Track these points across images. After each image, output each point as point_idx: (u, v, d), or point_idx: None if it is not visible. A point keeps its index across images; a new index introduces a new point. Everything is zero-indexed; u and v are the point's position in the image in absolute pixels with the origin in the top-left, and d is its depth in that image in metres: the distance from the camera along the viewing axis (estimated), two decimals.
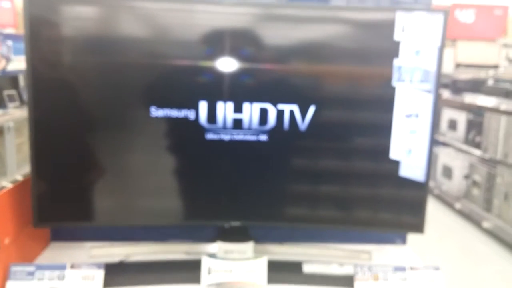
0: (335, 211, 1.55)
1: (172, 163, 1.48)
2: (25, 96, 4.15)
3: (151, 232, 1.70)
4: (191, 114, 1.43)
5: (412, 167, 1.48)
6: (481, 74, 3.98)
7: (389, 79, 1.43)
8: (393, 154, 1.47)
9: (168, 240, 1.64)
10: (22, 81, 4.06)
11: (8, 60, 3.34)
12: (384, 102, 1.45)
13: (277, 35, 1.43)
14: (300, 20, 1.43)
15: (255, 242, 1.53)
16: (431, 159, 1.49)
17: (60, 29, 1.38)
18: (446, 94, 4.17)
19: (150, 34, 1.42)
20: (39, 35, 1.37)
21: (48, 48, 1.38)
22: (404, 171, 1.48)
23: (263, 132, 1.46)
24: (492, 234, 3.10)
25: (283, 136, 1.47)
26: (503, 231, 3.03)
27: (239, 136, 1.45)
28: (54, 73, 1.40)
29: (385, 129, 1.46)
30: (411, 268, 1.47)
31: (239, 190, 1.52)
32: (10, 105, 3.41)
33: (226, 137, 1.45)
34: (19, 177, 1.56)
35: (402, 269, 1.47)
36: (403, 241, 1.81)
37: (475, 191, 3.64)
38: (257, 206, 1.54)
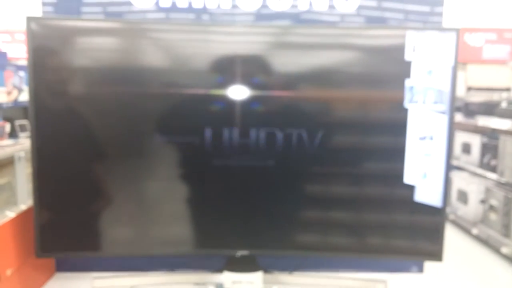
0: (348, 239, 1.48)
1: (179, 191, 1.44)
2: None
3: (158, 262, 1.64)
4: (198, 141, 1.40)
5: (427, 191, 1.42)
6: (494, 96, 3.92)
7: (401, 100, 1.39)
8: (408, 179, 1.42)
9: (174, 270, 1.58)
10: None
11: (20, 90, 3.36)
12: (396, 125, 1.40)
13: (285, 61, 1.40)
14: (309, 44, 1.41)
15: (264, 271, 1.47)
16: (447, 183, 1.42)
17: (63, 59, 1.36)
18: (458, 117, 4.11)
19: (156, 63, 1.40)
20: (43, 65, 1.35)
21: (51, 78, 1.37)
22: (420, 196, 1.42)
23: (273, 157, 1.41)
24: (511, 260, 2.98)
25: (292, 161, 1.43)
26: None
27: (246, 161, 1.41)
28: (57, 103, 1.38)
29: (398, 153, 1.41)
30: None
31: (247, 218, 1.46)
32: (22, 135, 3.43)
33: (233, 163, 1.40)
34: (24, 207, 1.53)
35: None
36: (420, 269, 1.73)
37: (492, 216, 3.53)
38: (266, 234, 1.48)
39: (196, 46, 1.39)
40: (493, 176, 3.57)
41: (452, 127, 1.40)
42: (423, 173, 1.41)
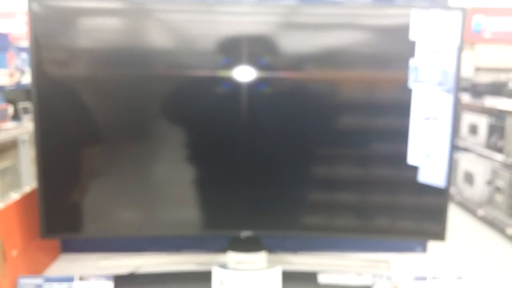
0: (352, 219, 1.48)
1: (184, 173, 1.44)
2: None
3: (162, 243, 1.66)
4: (203, 123, 1.40)
5: (431, 172, 1.41)
6: (501, 77, 3.88)
7: (405, 80, 1.37)
8: (412, 159, 1.41)
9: (178, 250, 1.59)
10: None
11: (22, 73, 3.36)
12: (400, 105, 1.39)
13: (289, 40, 1.38)
14: (312, 24, 1.39)
15: (269, 252, 1.47)
16: (451, 163, 1.42)
17: (65, 41, 1.35)
18: (465, 98, 4.07)
19: (160, 44, 1.38)
20: (45, 47, 1.35)
21: (53, 60, 1.36)
22: (424, 177, 1.42)
23: (278, 137, 1.41)
24: None
25: (297, 142, 1.42)
26: None
27: (251, 143, 1.40)
28: (60, 84, 1.38)
29: (402, 133, 1.40)
30: (433, 278, 1.39)
31: (251, 199, 1.46)
32: (25, 117, 3.43)
33: (238, 144, 1.40)
34: (28, 189, 1.54)
35: (423, 278, 1.40)
36: (424, 249, 1.73)
37: (498, 197, 3.52)
38: (270, 215, 1.48)
39: (200, 26, 1.37)
40: (499, 157, 3.55)
41: (457, 107, 1.39)
42: (427, 153, 1.40)
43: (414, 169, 1.41)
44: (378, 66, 1.40)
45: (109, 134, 1.42)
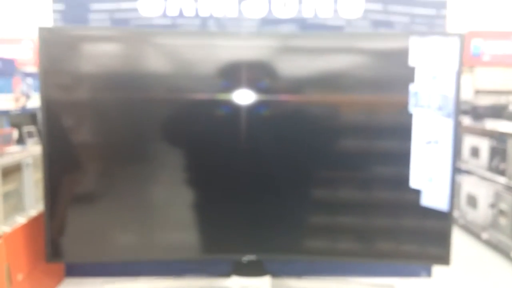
0: (355, 243, 1.48)
1: (187, 197, 1.45)
2: None
3: (166, 268, 1.66)
4: (204, 146, 1.42)
5: (434, 195, 1.42)
6: (501, 100, 3.91)
7: (406, 105, 1.39)
8: (414, 183, 1.42)
9: (182, 275, 1.59)
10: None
11: (28, 97, 3.41)
12: (402, 129, 1.41)
13: (292, 66, 1.41)
14: (315, 50, 1.42)
15: (272, 276, 1.47)
16: (454, 187, 1.43)
17: (72, 67, 1.39)
18: (466, 121, 4.09)
19: (163, 71, 1.42)
20: (53, 73, 1.38)
21: (61, 86, 1.40)
22: (426, 200, 1.43)
23: (278, 161, 1.42)
24: None
25: (298, 166, 1.44)
26: None
27: (253, 166, 1.42)
28: (67, 110, 1.41)
29: (404, 157, 1.41)
30: None
31: (254, 223, 1.47)
32: (29, 141, 3.47)
33: (240, 167, 1.42)
34: (34, 213, 1.55)
35: None
36: (428, 273, 1.72)
37: (502, 220, 3.50)
38: (273, 238, 1.48)
39: (201, 52, 1.41)
40: (502, 179, 3.55)
41: (457, 131, 1.40)
42: (429, 177, 1.41)
43: (417, 192, 1.42)
44: (378, 91, 1.43)
45: (114, 159, 1.44)
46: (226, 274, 1.48)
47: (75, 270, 1.72)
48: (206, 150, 1.44)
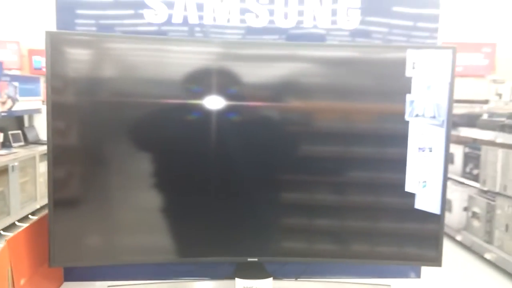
0: (354, 246, 1.55)
1: (186, 200, 1.49)
2: (29, 136, 4.22)
3: (168, 271, 1.68)
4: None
5: (427, 199, 1.50)
6: (475, 109, 4.08)
7: (402, 114, 1.47)
8: (409, 187, 1.50)
9: (182, 277, 1.62)
10: (27, 121, 4.09)
11: (14, 101, 3.36)
12: (399, 137, 1.49)
13: (295, 82, 1.48)
14: (321, 62, 1.49)
15: (273, 278, 1.52)
16: (445, 191, 1.51)
17: (79, 69, 1.41)
18: None
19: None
20: (58, 76, 1.40)
21: (66, 88, 1.41)
22: (420, 204, 1.50)
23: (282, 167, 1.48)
24: (495, 265, 3.10)
25: (300, 172, 1.50)
26: (505, 262, 3.03)
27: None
28: (69, 113, 1.42)
29: (400, 163, 1.49)
30: None
31: (256, 226, 1.52)
32: (15, 145, 3.41)
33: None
34: (23, 215, 1.55)
35: None
36: (418, 274, 1.81)
37: (476, 223, 3.66)
38: (275, 241, 1.53)
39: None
40: (476, 185, 3.71)
41: (449, 139, 1.49)
42: (423, 182, 1.49)
43: (411, 196, 1.50)
44: (379, 101, 1.50)
45: (113, 164, 1.46)
46: (227, 276, 1.52)
47: (74, 274, 1.72)
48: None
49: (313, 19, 1.72)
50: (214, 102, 1.43)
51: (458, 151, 4.04)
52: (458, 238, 3.74)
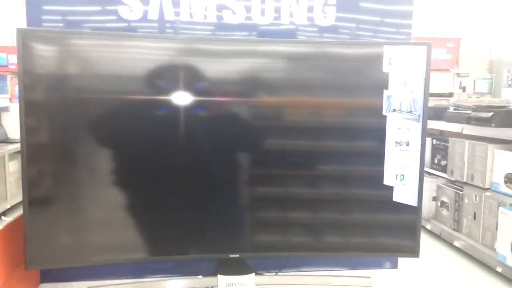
0: (334, 239, 1.57)
1: (160, 197, 1.48)
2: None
3: (147, 269, 1.66)
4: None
5: (404, 192, 1.54)
6: (442, 102, 4.18)
7: (380, 109, 1.50)
8: (387, 180, 1.53)
9: (167, 275, 1.60)
10: None
11: None
12: (377, 131, 1.51)
13: (276, 72, 1.48)
14: (293, 57, 1.49)
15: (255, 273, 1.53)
16: (422, 184, 1.55)
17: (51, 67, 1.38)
18: None
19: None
20: (31, 71, 1.36)
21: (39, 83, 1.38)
22: (397, 197, 1.54)
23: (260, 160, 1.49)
24: (464, 253, 3.20)
25: (276, 167, 1.52)
26: (473, 249, 3.13)
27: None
28: (43, 108, 1.39)
29: (378, 157, 1.52)
30: None
31: (234, 222, 1.52)
32: None
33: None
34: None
35: None
36: (395, 265, 1.85)
37: (444, 212, 3.76)
38: (255, 237, 1.54)
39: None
40: (444, 175, 3.81)
41: (425, 133, 1.53)
42: (400, 175, 1.53)
43: (390, 189, 1.53)
44: (357, 96, 1.52)
45: (85, 162, 1.44)
46: (209, 273, 1.51)
47: (50, 275, 1.68)
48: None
49: (289, 16, 1.73)
50: (179, 98, 1.43)
51: (426, 143, 4.13)
52: (428, 226, 3.84)
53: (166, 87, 1.43)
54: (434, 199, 3.89)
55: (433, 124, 3.97)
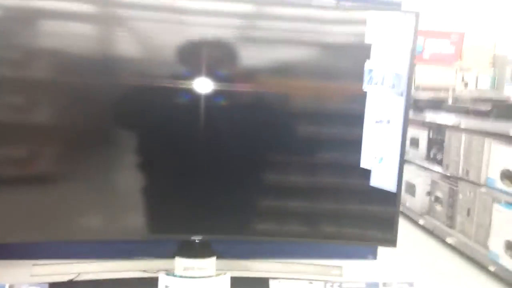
0: (304, 225, 1.45)
1: (129, 172, 1.36)
2: None
3: (104, 249, 1.54)
4: (161, 127, 1.36)
5: (383, 176, 1.41)
6: (441, 94, 4.06)
7: (360, 84, 1.37)
8: (364, 163, 1.40)
9: (123, 257, 1.49)
10: None
11: None
12: (355, 108, 1.39)
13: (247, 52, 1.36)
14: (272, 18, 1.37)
15: (218, 257, 1.41)
16: (402, 167, 1.42)
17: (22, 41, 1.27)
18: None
19: (118, 51, 1.32)
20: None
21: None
22: (375, 181, 1.41)
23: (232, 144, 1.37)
24: (456, 250, 3.09)
25: (251, 149, 1.40)
26: (466, 246, 3.03)
27: (204, 147, 1.36)
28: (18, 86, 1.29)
29: (356, 136, 1.39)
30: (384, 284, 1.39)
31: (202, 202, 1.40)
32: None
33: (193, 147, 1.36)
34: None
35: (375, 285, 1.38)
36: (374, 256, 1.73)
37: (438, 208, 3.65)
38: (221, 219, 1.42)
39: (161, 34, 1.33)
40: (439, 169, 3.69)
41: (408, 110, 1.40)
42: (380, 157, 1.40)
43: (367, 173, 1.41)
44: (335, 70, 1.39)
45: (48, 134, 1.32)
46: (170, 255, 1.40)
47: (3, 252, 1.56)
48: (161, 132, 1.36)
49: None
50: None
51: (423, 135, 4.02)
52: (421, 222, 3.73)
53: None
54: (428, 194, 3.78)
55: (430, 117, 3.85)
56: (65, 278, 1.36)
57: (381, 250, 1.76)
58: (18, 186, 1.33)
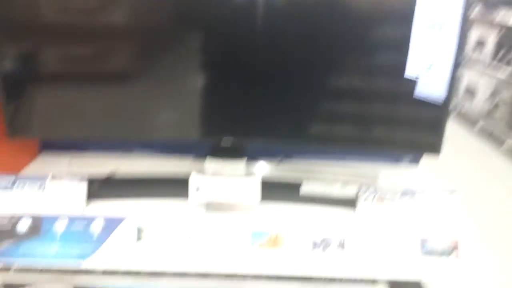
0: (347, 130, 1.39)
1: (160, 70, 1.33)
2: None
3: (141, 147, 1.58)
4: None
5: (432, 85, 1.29)
6: None
7: None
8: (411, 71, 1.28)
9: (160, 154, 1.53)
10: None
11: None
12: (403, 11, 1.23)
13: None
14: None
15: (251, 159, 1.40)
16: (455, 74, 1.28)
17: None
18: (476, 11, 3.80)
19: None
20: None
21: None
22: (423, 89, 1.29)
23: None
24: None
25: (291, 43, 1.31)
26: None
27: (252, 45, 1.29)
28: None
29: (403, 42, 1.25)
30: (423, 191, 1.32)
31: (234, 102, 1.36)
32: None
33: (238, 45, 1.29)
34: None
35: (412, 192, 1.33)
36: (416, 162, 1.66)
37: (500, 110, 3.44)
38: (256, 121, 1.38)
39: None
40: (507, 69, 3.41)
41: (467, 12, 1.22)
42: (428, 65, 1.27)
43: (413, 81, 1.29)
44: None
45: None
46: (203, 156, 1.40)
47: (51, 146, 1.64)
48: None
49: None
50: None
51: (490, 35, 3.65)
52: (478, 126, 3.56)
53: None
54: (492, 96, 3.54)
55: (501, 15, 3.45)
56: (103, 172, 1.41)
57: (426, 158, 1.68)
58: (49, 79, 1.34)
